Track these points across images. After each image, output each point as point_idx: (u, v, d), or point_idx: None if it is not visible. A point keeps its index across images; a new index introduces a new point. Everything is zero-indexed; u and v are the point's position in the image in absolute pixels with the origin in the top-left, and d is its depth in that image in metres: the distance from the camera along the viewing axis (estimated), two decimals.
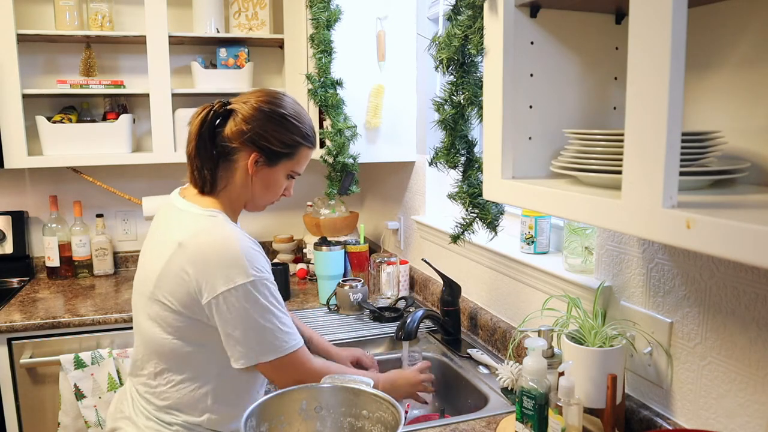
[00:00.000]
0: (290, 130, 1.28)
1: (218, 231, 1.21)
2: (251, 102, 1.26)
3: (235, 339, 1.20)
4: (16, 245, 2.52)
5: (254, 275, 1.18)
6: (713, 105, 0.96)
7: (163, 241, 1.26)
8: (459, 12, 1.28)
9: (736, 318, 1.00)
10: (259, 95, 1.28)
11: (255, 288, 1.18)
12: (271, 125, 1.26)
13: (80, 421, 2.00)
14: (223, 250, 1.18)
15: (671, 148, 0.71)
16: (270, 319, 1.20)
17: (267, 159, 1.27)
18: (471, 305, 1.88)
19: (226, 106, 1.27)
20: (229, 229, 1.22)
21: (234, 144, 1.25)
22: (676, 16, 0.69)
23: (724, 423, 1.04)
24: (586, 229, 1.42)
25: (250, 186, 1.29)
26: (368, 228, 2.84)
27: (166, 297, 1.22)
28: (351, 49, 2.16)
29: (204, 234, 1.21)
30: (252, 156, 1.26)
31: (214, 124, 1.25)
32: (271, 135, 1.26)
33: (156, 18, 2.33)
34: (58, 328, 2.05)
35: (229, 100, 1.29)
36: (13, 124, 2.26)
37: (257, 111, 1.25)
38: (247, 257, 1.19)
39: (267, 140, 1.26)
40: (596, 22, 1.09)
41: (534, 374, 1.13)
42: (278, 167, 1.30)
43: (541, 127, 1.08)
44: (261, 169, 1.28)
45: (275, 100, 1.28)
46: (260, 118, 1.25)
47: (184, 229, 1.23)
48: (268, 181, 1.30)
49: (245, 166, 1.27)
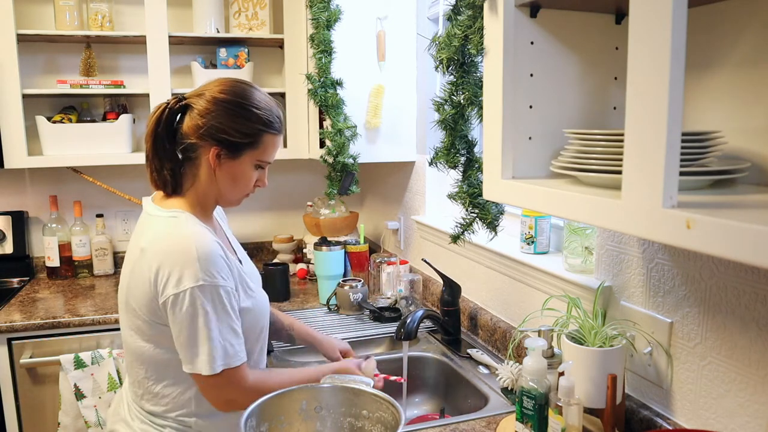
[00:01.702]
0: (248, 119, 1.21)
1: (176, 232, 1.18)
2: (206, 94, 1.21)
3: (179, 343, 1.17)
4: (16, 245, 2.52)
5: (204, 279, 1.13)
6: (713, 105, 0.96)
7: (131, 249, 1.25)
8: (459, 12, 1.28)
9: (736, 318, 1.00)
10: (216, 85, 1.23)
11: (203, 292, 1.14)
12: (228, 116, 1.20)
13: (80, 421, 2.00)
14: (178, 251, 1.15)
15: (671, 148, 0.71)
16: (212, 329, 1.15)
17: (228, 151, 1.21)
18: (471, 305, 1.88)
19: (181, 101, 1.22)
20: (188, 229, 1.18)
21: (192, 140, 1.20)
22: (676, 16, 0.69)
23: (724, 423, 1.04)
24: (586, 229, 1.42)
25: (215, 181, 1.24)
26: (368, 228, 2.84)
27: (137, 305, 1.20)
28: (351, 49, 2.16)
29: (162, 236, 1.18)
30: (212, 150, 1.20)
31: (173, 122, 1.21)
32: (228, 126, 1.19)
33: (156, 18, 2.33)
34: (58, 328, 2.05)
35: (185, 95, 1.24)
36: (13, 124, 2.26)
37: (212, 103, 1.20)
38: (200, 259, 1.14)
39: (225, 132, 1.19)
40: (596, 22, 1.09)
41: (534, 374, 1.13)
42: (242, 158, 1.23)
43: (541, 127, 1.08)
44: (224, 162, 1.22)
45: (231, 88, 1.22)
46: (215, 110, 1.19)
47: (146, 234, 1.21)
48: (235, 174, 1.24)
49: (207, 161, 1.22)
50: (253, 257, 2.85)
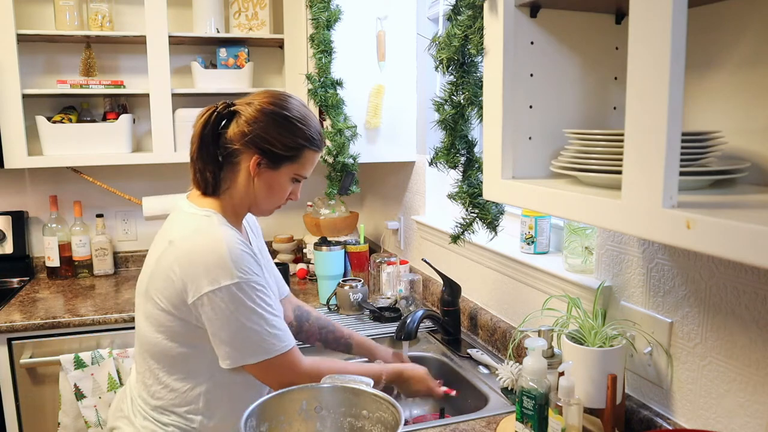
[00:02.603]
0: (293, 133, 1.25)
1: (208, 231, 1.21)
2: (255, 103, 1.25)
3: (221, 339, 1.19)
4: (16, 245, 2.52)
5: (239, 277, 1.17)
6: (713, 105, 0.96)
7: (159, 241, 1.27)
8: (459, 12, 1.28)
9: (736, 318, 1.00)
10: (264, 96, 1.27)
11: (240, 290, 1.17)
12: (274, 127, 1.24)
13: (80, 421, 2.00)
14: (209, 251, 1.17)
15: (671, 148, 0.71)
16: (256, 321, 1.19)
17: (269, 161, 1.25)
18: (471, 305, 1.88)
19: (230, 107, 1.26)
20: (219, 229, 1.21)
21: (236, 146, 1.24)
22: (676, 16, 0.69)
23: (724, 423, 1.04)
24: (586, 229, 1.42)
25: (252, 189, 1.27)
26: (368, 228, 2.84)
27: (157, 296, 1.22)
28: (351, 49, 2.16)
29: (193, 233, 1.21)
30: (254, 158, 1.24)
31: (218, 126, 1.25)
32: (273, 137, 1.23)
33: (156, 18, 2.33)
34: (58, 328, 2.05)
35: (234, 102, 1.27)
36: (13, 124, 2.26)
37: (260, 113, 1.24)
38: (232, 258, 1.17)
39: (269, 142, 1.24)
40: (596, 22, 1.09)
41: (534, 374, 1.13)
42: (281, 170, 1.27)
43: (541, 127, 1.08)
44: (263, 171, 1.26)
45: (279, 101, 1.26)
46: (263, 119, 1.23)
47: (177, 228, 1.24)
48: (272, 184, 1.28)
49: (248, 168, 1.25)
50: None
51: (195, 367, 1.26)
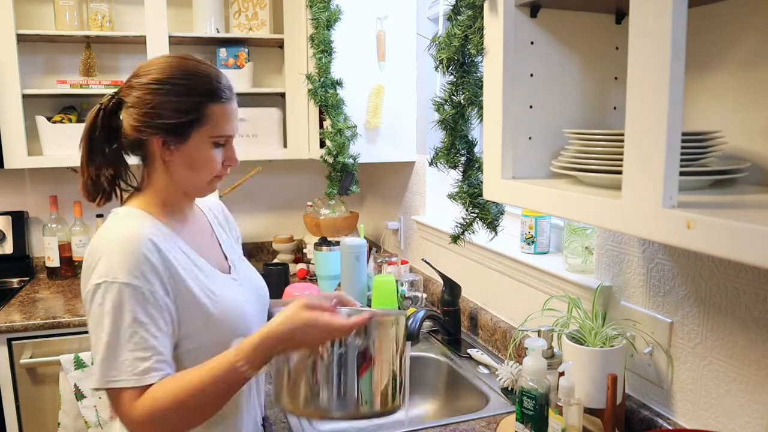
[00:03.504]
0: (180, 93, 1.06)
1: (105, 226, 1.08)
2: (132, 82, 1.09)
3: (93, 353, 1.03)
4: (16, 245, 2.52)
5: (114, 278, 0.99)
6: (713, 105, 0.96)
7: None
8: (459, 12, 1.28)
9: (737, 318, 1.00)
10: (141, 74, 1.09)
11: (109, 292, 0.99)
12: (158, 98, 1.06)
13: (80, 421, 2.00)
14: (96, 247, 1.03)
15: (671, 148, 0.71)
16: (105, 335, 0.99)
17: (174, 137, 1.07)
18: (471, 305, 1.88)
19: (113, 98, 1.11)
20: (116, 224, 1.07)
21: (133, 135, 1.08)
22: (676, 16, 0.69)
23: (724, 423, 1.04)
24: (586, 229, 1.42)
25: (173, 172, 1.11)
26: (368, 228, 2.84)
27: None
28: (351, 49, 2.16)
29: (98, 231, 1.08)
30: (156, 140, 1.08)
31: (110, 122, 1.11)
32: (161, 108, 1.06)
33: (156, 18, 2.33)
34: (58, 328, 2.05)
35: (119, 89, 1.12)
36: (13, 124, 2.26)
37: (141, 90, 1.07)
38: (113, 253, 1.00)
39: (159, 116, 1.06)
40: (596, 22, 1.09)
41: (534, 374, 1.13)
42: (191, 140, 1.08)
43: (541, 127, 1.08)
44: (175, 150, 1.08)
45: (155, 67, 1.09)
46: (145, 97, 1.06)
47: None
48: (190, 160, 1.09)
49: (158, 154, 1.09)
50: (252, 257, 2.85)
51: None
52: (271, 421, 1.39)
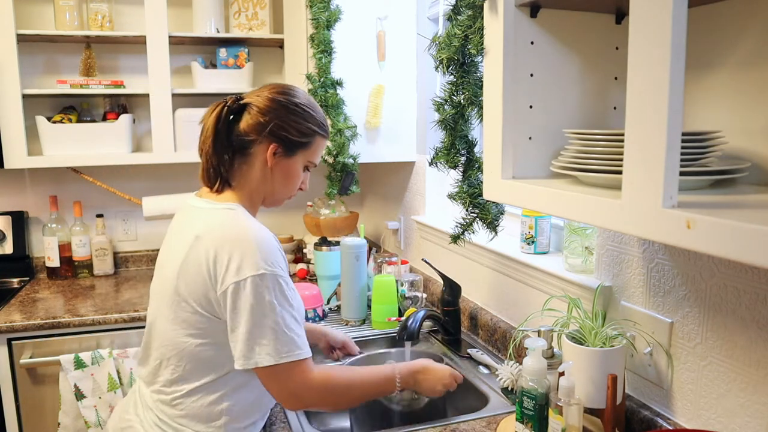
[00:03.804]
0: (306, 119, 1.28)
1: (234, 223, 1.19)
2: (265, 94, 1.27)
3: (237, 336, 1.14)
4: (16, 245, 2.52)
5: (265, 268, 1.14)
6: (713, 105, 0.96)
7: (180, 240, 1.23)
8: (459, 12, 1.28)
9: (737, 318, 1.00)
10: (272, 88, 1.29)
11: (264, 282, 1.13)
12: (288, 115, 1.26)
13: (80, 421, 2.00)
14: (237, 242, 1.15)
15: (671, 148, 0.71)
16: (275, 319, 1.14)
17: (285, 149, 1.27)
18: (471, 305, 1.88)
19: (239, 100, 1.27)
20: (245, 221, 1.20)
21: (251, 137, 1.24)
22: (676, 16, 0.69)
23: (724, 423, 1.04)
24: (586, 229, 1.42)
25: (270, 178, 1.28)
26: (368, 228, 2.84)
27: (187, 295, 1.18)
28: (351, 49, 2.16)
29: (219, 226, 1.19)
30: (270, 147, 1.25)
31: (229, 120, 1.25)
32: (288, 125, 1.25)
33: (156, 18, 2.33)
34: (58, 328, 2.05)
35: (241, 95, 1.28)
36: (13, 124, 2.26)
37: (273, 102, 1.25)
38: (260, 250, 1.15)
39: (285, 130, 1.25)
40: (596, 22, 1.09)
41: (534, 374, 1.13)
42: (296, 157, 1.29)
43: (541, 127, 1.08)
44: (280, 160, 1.27)
45: (289, 90, 1.29)
46: (276, 108, 1.25)
47: (200, 223, 1.21)
48: (287, 173, 1.29)
49: (263, 158, 1.26)
50: None
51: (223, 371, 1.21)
52: (272, 420, 1.39)
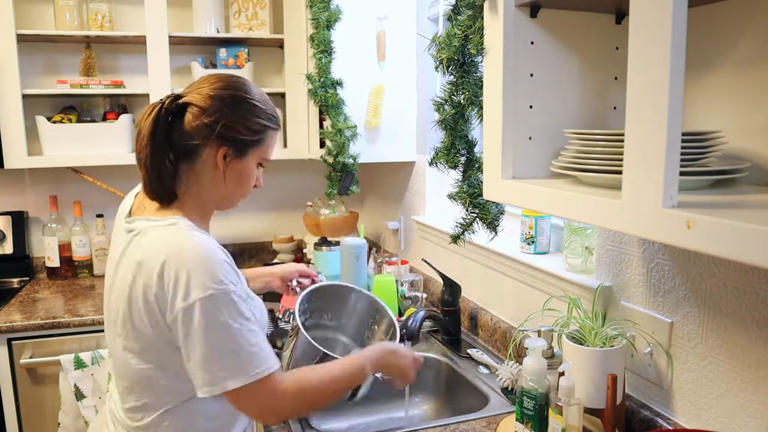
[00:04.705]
0: (255, 114, 1.14)
1: (175, 241, 1.07)
2: (206, 91, 1.12)
3: (195, 363, 1.04)
4: (16, 245, 2.52)
5: (214, 288, 1.03)
6: (713, 105, 0.96)
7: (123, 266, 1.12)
8: (459, 12, 1.28)
9: (737, 318, 1.00)
10: (213, 82, 1.14)
11: (215, 304, 1.03)
12: (234, 113, 1.12)
13: (80, 421, 2.00)
14: (181, 263, 1.04)
15: (671, 148, 0.71)
16: (233, 339, 1.04)
17: (236, 151, 1.13)
18: (471, 305, 1.88)
19: (177, 99, 1.11)
20: (188, 236, 1.08)
21: (196, 141, 1.11)
22: (676, 16, 0.69)
23: (724, 423, 1.04)
24: (586, 229, 1.42)
25: (222, 184, 1.15)
26: (368, 228, 2.84)
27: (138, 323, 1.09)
28: (351, 49, 2.16)
29: (160, 246, 1.06)
30: (220, 151, 1.12)
31: (168, 122, 1.10)
32: (236, 123, 1.11)
33: (156, 18, 2.33)
34: (58, 328, 2.05)
35: (180, 93, 1.14)
36: (13, 124, 2.26)
37: (216, 99, 1.11)
38: (205, 268, 1.03)
39: (234, 130, 1.11)
40: (596, 22, 1.09)
41: (534, 374, 1.13)
42: (248, 158, 1.16)
43: (541, 127, 1.08)
44: (231, 163, 1.14)
45: (232, 83, 1.14)
46: (221, 107, 1.10)
47: (143, 246, 1.09)
48: (240, 175, 1.16)
49: (213, 163, 1.12)
50: (253, 257, 2.85)
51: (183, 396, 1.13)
52: None
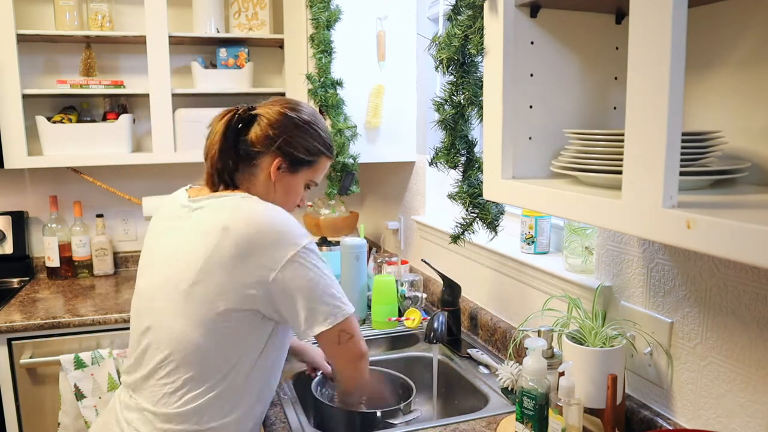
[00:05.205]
0: (314, 138, 1.29)
1: (259, 208, 1.19)
2: (276, 108, 1.27)
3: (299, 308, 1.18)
4: (16, 245, 2.52)
5: (303, 243, 1.18)
6: (713, 105, 0.96)
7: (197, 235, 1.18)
8: (459, 12, 1.28)
9: (737, 318, 1.00)
10: (284, 102, 1.30)
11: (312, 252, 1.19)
12: (297, 132, 1.27)
13: (80, 421, 2.00)
14: (272, 224, 1.17)
15: (671, 148, 0.71)
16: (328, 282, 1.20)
17: (289, 165, 1.28)
18: (471, 305, 1.88)
19: (250, 110, 1.27)
20: (265, 204, 1.21)
21: (258, 148, 1.25)
22: (676, 16, 0.69)
23: (724, 423, 1.04)
24: (586, 229, 1.42)
25: (271, 191, 1.28)
26: (368, 228, 2.84)
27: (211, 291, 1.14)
28: (351, 49, 2.16)
29: (245, 213, 1.17)
30: (275, 161, 1.26)
31: (238, 128, 1.26)
32: (296, 141, 1.26)
33: (156, 18, 2.33)
34: (58, 328, 2.05)
35: (253, 105, 1.29)
36: (13, 124, 2.26)
37: (283, 116, 1.26)
38: (292, 225, 1.19)
39: (292, 146, 1.26)
40: (596, 22, 1.09)
41: (534, 374, 1.13)
42: (299, 175, 1.30)
43: (541, 127, 1.08)
44: (283, 175, 1.28)
45: (299, 107, 1.30)
46: (286, 123, 1.26)
47: (222, 215, 1.18)
48: (288, 188, 1.30)
49: (267, 171, 1.26)
50: None
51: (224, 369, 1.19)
52: (272, 420, 1.39)
